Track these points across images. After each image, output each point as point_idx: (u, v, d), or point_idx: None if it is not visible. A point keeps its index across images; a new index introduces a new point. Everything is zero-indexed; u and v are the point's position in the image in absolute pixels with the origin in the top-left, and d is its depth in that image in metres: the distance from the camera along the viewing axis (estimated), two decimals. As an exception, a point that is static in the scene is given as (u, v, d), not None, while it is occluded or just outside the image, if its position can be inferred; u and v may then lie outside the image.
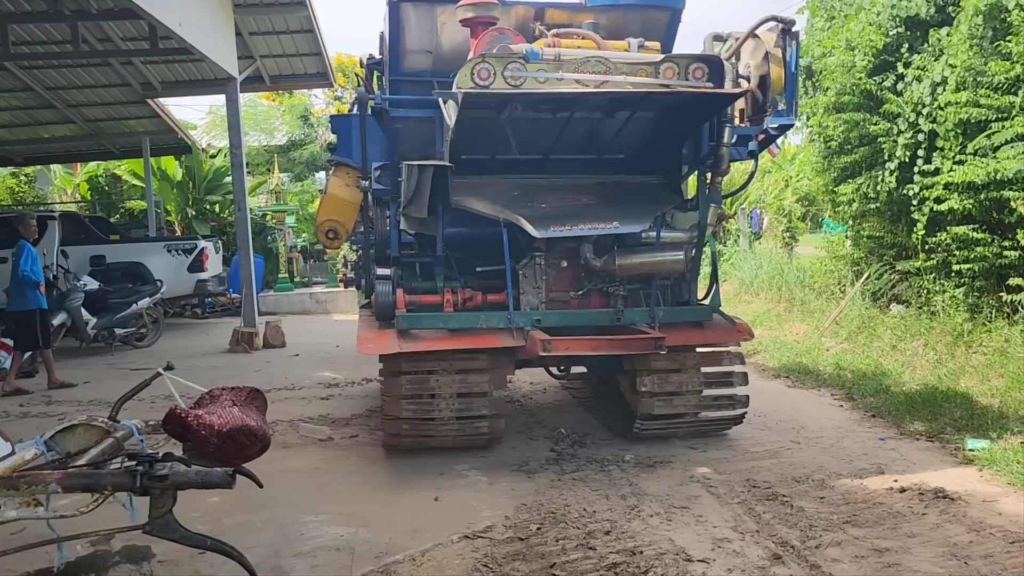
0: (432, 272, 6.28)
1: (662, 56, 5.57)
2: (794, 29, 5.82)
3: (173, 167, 20.46)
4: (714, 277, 6.47)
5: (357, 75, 10.61)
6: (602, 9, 6.29)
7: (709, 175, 6.07)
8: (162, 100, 17.20)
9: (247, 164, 22.72)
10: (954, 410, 6.74)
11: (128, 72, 14.89)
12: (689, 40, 6.56)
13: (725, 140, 5.80)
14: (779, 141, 7.03)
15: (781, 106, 6.04)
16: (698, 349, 6.26)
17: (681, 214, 6.32)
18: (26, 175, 21.99)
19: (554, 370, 7.56)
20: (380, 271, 6.33)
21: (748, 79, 6.00)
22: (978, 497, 5.00)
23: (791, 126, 6.22)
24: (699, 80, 5.44)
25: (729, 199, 17.83)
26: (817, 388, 8.27)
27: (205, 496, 5.17)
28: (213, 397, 2.09)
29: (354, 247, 11.19)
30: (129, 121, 17.39)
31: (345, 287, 16.41)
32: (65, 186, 22.81)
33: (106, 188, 21.95)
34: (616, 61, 5.44)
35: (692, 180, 6.49)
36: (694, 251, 6.20)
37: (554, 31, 5.94)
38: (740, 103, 6.08)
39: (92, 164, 21.91)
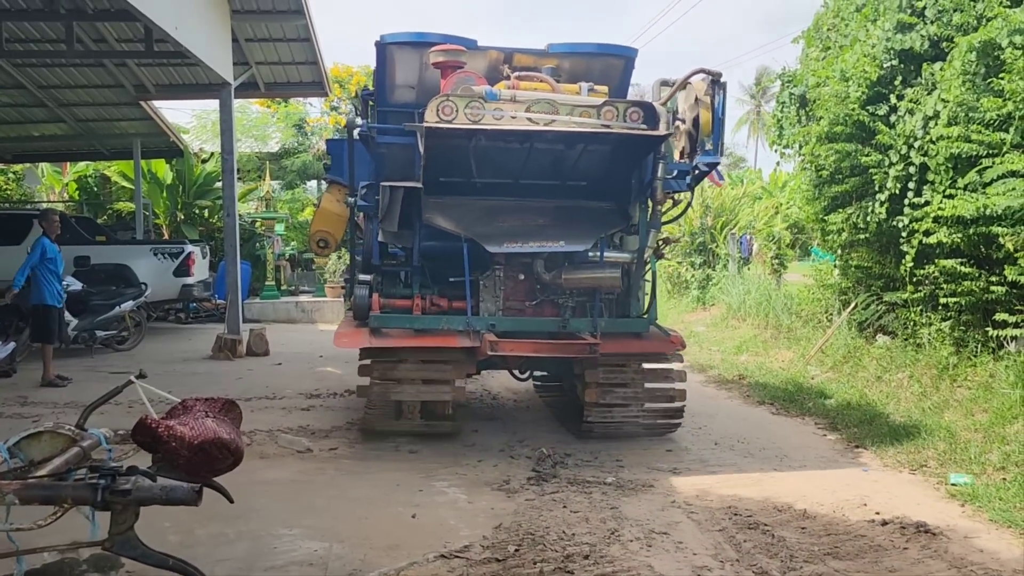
0: (410, 280, 7.07)
1: (603, 100, 6.32)
2: (722, 80, 6.49)
3: (164, 170, 20.35)
4: (652, 294, 7.14)
5: (354, 105, 11.11)
6: (563, 55, 7.04)
7: (649, 203, 6.83)
8: (155, 103, 17.16)
9: (238, 170, 22.72)
10: (938, 443, 6.72)
11: (122, 73, 14.80)
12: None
13: (659, 174, 6.56)
14: (723, 172, 7.74)
15: (708, 146, 6.67)
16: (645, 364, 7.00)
17: (630, 237, 7.04)
18: (14, 172, 21.81)
19: (517, 373, 8.09)
20: (362, 277, 7.22)
21: (684, 121, 6.78)
22: (960, 533, 4.97)
23: (717, 163, 6.83)
24: (635, 122, 6.22)
25: (716, 222, 17.89)
26: (801, 416, 8.25)
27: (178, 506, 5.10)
28: (186, 408, 2.01)
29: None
30: (120, 122, 17.29)
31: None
32: (53, 185, 22.62)
33: (95, 189, 21.76)
34: (562, 103, 6.23)
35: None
36: (636, 269, 6.96)
37: (517, 74, 6.67)
38: (682, 142, 6.81)
39: (82, 164, 21.75)
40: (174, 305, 15.89)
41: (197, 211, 20.34)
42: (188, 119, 24.00)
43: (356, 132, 7.19)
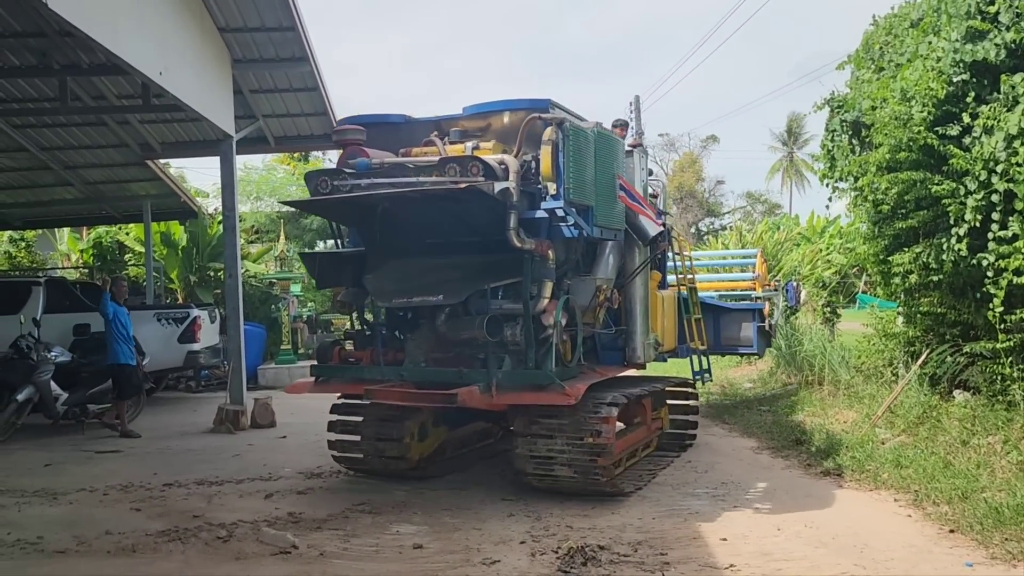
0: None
1: (440, 157, 6.76)
2: (565, 125, 6.59)
3: (179, 232, 19.80)
4: (548, 347, 6.72)
5: None
6: (482, 114, 7.27)
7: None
8: (171, 165, 16.63)
9: (258, 231, 22.06)
10: (1057, 528, 5.46)
11: (125, 132, 14.17)
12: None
13: (511, 224, 6.42)
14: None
15: (552, 191, 6.70)
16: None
17: (583, 282, 7.42)
18: (24, 239, 21.32)
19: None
20: (348, 331, 8.15)
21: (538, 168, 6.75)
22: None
23: (560, 206, 6.71)
24: (476, 175, 6.43)
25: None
26: (876, 490, 7.03)
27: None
28: None
29: None
30: (130, 184, 16.68)
31: None
32: (71, 250, 22.11)
33: (107, 255, 21.12)
34: (413, 165, 6.87)
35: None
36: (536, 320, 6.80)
37: (424, 141, 7.26)
38: (553, 188, 6.70)
39: (102, 228, 21.25)
40: (184, 373, 15.05)
41: (212, 273, 19.65)
42: (215, 182, 23.52)
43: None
